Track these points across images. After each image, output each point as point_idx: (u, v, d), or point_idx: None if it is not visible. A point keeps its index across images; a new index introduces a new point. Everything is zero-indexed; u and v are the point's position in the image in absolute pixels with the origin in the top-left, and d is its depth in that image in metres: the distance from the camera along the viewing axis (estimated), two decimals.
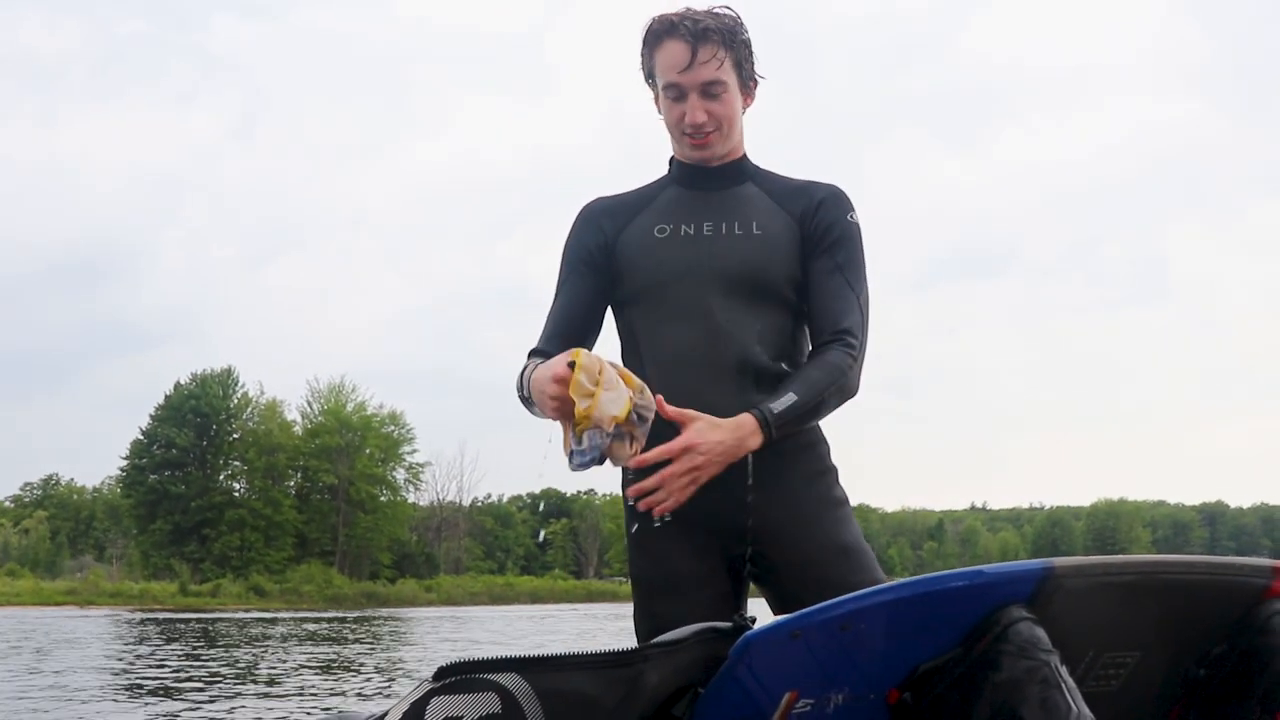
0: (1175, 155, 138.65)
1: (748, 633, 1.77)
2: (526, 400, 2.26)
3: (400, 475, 67.40)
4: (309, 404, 66.46)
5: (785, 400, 2.18)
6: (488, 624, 29.19)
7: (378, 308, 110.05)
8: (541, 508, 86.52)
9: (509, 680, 1.65)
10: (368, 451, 64.88)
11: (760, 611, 1.98)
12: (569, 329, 2.39)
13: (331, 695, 9.49)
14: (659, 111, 2.39)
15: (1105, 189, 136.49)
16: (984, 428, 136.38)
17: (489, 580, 68.54)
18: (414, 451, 67.96)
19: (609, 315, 2.45)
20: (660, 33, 2.29)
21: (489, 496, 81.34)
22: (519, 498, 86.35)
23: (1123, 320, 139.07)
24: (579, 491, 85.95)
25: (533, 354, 2.37)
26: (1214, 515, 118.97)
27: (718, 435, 2.12)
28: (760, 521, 2.25)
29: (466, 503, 75.52)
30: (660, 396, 2.10)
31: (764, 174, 2.42)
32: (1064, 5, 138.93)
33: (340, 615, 38.21)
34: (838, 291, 2.28)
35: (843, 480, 2.34)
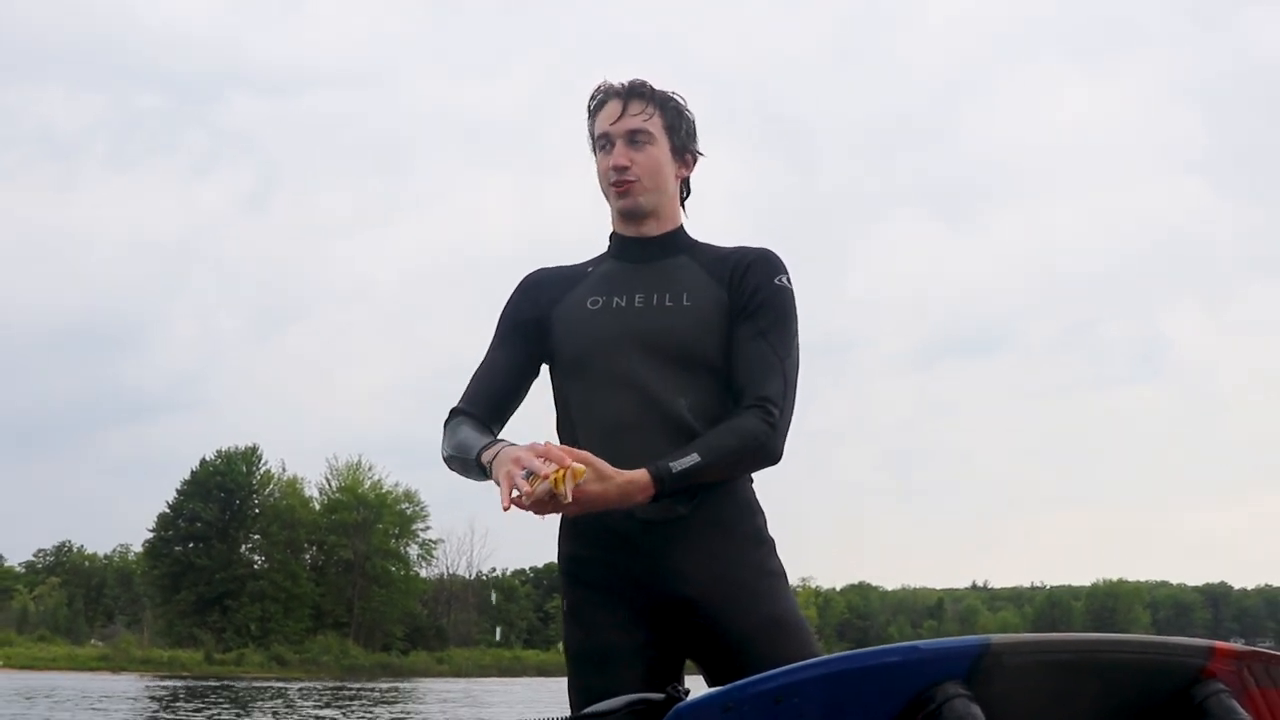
0: (1174, 237, 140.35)
1: (679, 705, 1.74)
2: (454, 460, 2.29)
3: (413, 551, 68.34)
4: (327, 481, 67.55)
5: (688, 460, 2.14)
6: (499, 695, 30.66)
7: (385, 379, 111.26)
8: (545, 583, 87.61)
9: None
10: (382, 528, 65.61)
11: (698, 686, 1.93)
12: (491, 394, 2.38)
13: None
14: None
15: (1105, 269, 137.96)
16: (985, 506, 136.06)
17: (497, 653, 68.84)
18: (427, 528, 68.69)
19: (534, 386, 2.45)
20: (599, 97, 2.37)
21: (493, 570, 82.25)
22: (522, 571, 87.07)
23: (1123, 400, 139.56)
24: None
25: (455, 413, 2.36)
26: (1217, 597, 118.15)
27: (599, 488, 2.07)
28: (695, 592, 2.21)
29: (473, 577, 76.62)
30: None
31: (700, 246, 2.40)
32: (1060, 90, 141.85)
33: (372, 685, 39.42)
34: (760, 357, 2.24)
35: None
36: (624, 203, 2.35)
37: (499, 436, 2.31)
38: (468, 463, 2.25)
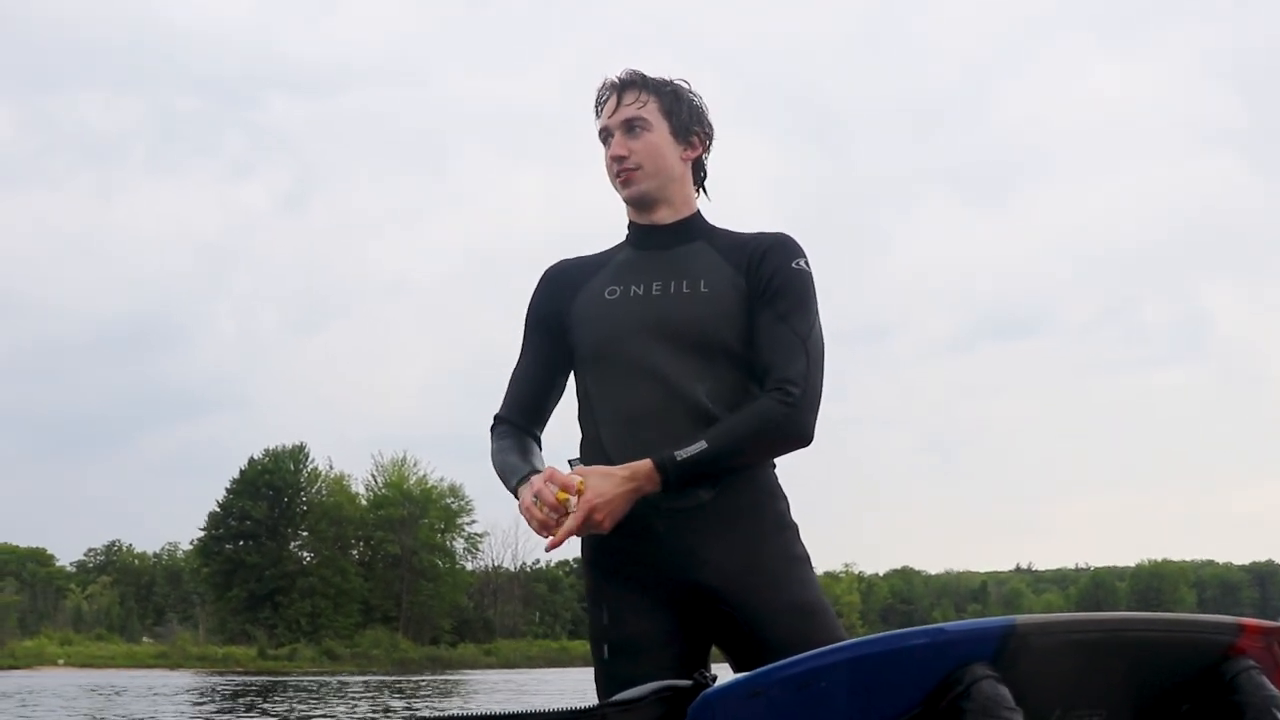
0: (1213, 214, 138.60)
1: (706, 691, 1.75)
2: (501, 480, 2.34)
3: (459, 545, 68.89)
4: (373, 477, 68.22)
5: (694, 448, 2.14)
6: (549, 684, 31.16)
7: (425, 373, 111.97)
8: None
9: None
10: (428, 522, 66.24)
11: (722, 673, 1.94)
12: (527, 398, 2.42)
13: None
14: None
15: (1144, 248, 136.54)
16: (1029, 488, 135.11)
17: (544, 644, 69.42)
18: (473, 522, 69.10)
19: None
20: (600, 92, 2.39)
21: (537, 562, 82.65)
22: (565, 563, 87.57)
23: (1167, 379, 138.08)
24: None
25: (498, 421, 2.42)
26: (1264, 575, 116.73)
27: (608, 486, 2.11)
28: (719, 580, 2.20)
29: (517, 569, 77.00)
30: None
31: (716, 231, 2.38)
32: (1093, 66, 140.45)
33: (432, 677, 40.03)
34: (782, 340, 2.23)
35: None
36: (629, 191, 2.36)
37: (536, 452, 2.37)
38: (509, 489, 2.31)
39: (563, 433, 2.47)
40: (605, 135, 2.37)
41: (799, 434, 2.22)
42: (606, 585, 2.28)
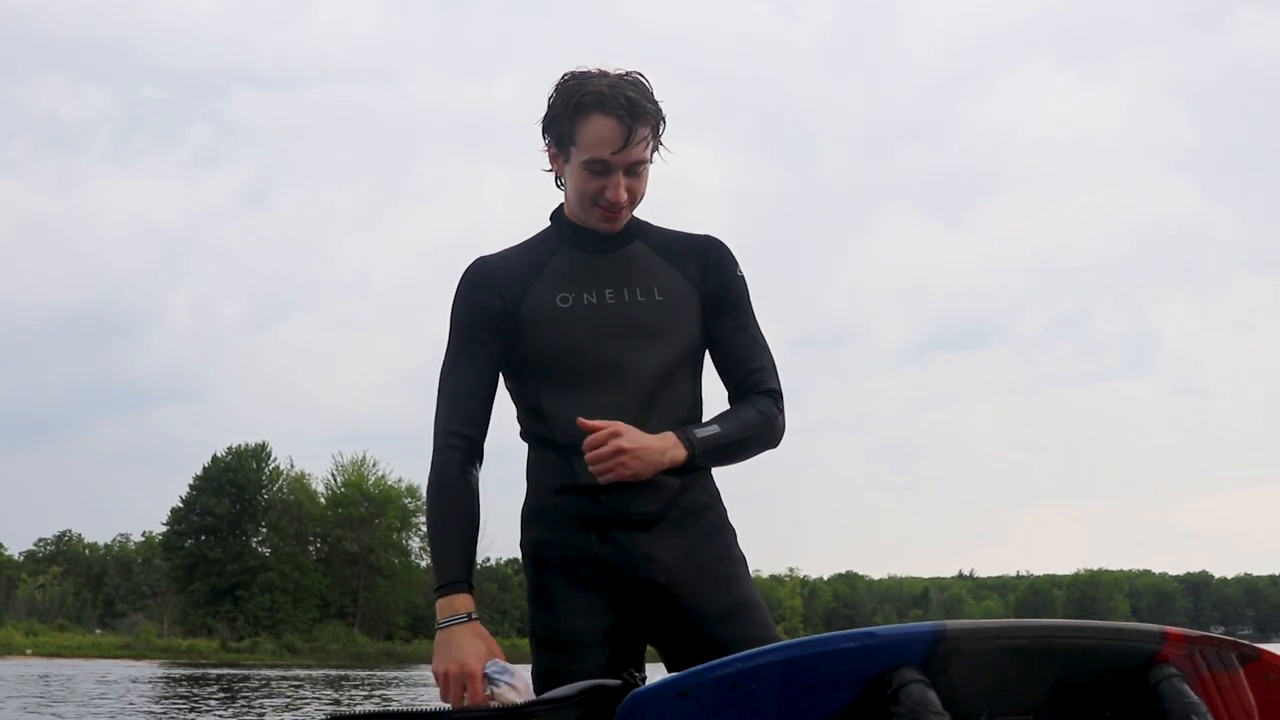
0: (1163, 233, 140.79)
1: (635, 690, 1.74)
2: (430, 527, 2.22)
3: (415, 543, 68.46)
4: (333, 476, 68.07)
5: (709, 429, 2.18)
6: None
7: (384, 369, 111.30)
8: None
9: None
10: (385, 521, 66.13)
11: (657, 673, 1.92)
12: (479, 406, 2.24)
13: None
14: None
15: (1095, 265, 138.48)
16: (974, 496, 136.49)
17: (496, 641, 70.03)
18: None
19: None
20: (590, 105, 2.13)
21: (487, 560, 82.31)
22: (514, 560, 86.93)
23: (1111, 392, 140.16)
24: None
25: (451, 436, 2.22)
26: (1198, 585, 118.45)
27: (643, 437, 2.12)
28: (666, 578, 2.17)
29: None
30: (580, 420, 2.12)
31: (647, 228, 2.31)
32: (1054, 88, 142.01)
33: (387, 673, 40.20)
34: (753, 349, 2.29)
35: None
36: (609, 228, 2.24)
37: (476, 524, 2.21)
38: (436, 572, 2.21)
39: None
40: (600, 168, 2.16)
41: (778, 439, 2.30)
42: (551, 580, 2.23)
